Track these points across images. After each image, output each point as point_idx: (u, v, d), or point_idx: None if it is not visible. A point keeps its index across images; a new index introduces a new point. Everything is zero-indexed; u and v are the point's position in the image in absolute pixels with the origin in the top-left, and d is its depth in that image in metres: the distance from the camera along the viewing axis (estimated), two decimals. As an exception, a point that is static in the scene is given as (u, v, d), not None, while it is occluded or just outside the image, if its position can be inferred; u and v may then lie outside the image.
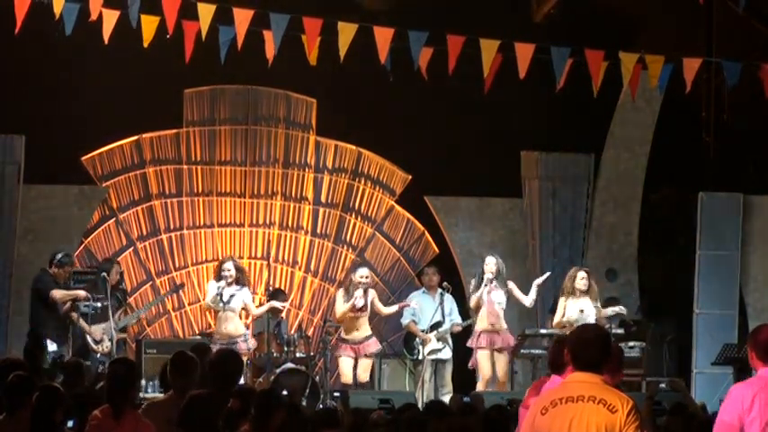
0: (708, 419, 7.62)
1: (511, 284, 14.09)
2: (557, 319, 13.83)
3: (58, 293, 13.64)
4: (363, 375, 13.98)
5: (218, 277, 13.76)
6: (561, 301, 13.89)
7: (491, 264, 13.97)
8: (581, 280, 13.79)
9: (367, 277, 14.05)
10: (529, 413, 5.55)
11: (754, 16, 15.26)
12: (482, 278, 13.95)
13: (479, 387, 13.80)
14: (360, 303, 13.90)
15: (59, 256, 13.87)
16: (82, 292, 13.76)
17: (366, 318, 14.07)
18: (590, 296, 13.79)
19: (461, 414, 8.13)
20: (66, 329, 13.70)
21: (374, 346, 14.10)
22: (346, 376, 13.97)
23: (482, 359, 13.89)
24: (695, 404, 8.56)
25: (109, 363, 8.08)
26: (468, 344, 14.10)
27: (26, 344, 13.61)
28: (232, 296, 13.65)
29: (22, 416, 7.40)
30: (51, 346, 13.40)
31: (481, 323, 13.92)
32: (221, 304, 13.59)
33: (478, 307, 13.94)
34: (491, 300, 13.88)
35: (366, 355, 14.00)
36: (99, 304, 13.83)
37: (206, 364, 8.22)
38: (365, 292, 13.96)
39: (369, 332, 14.08)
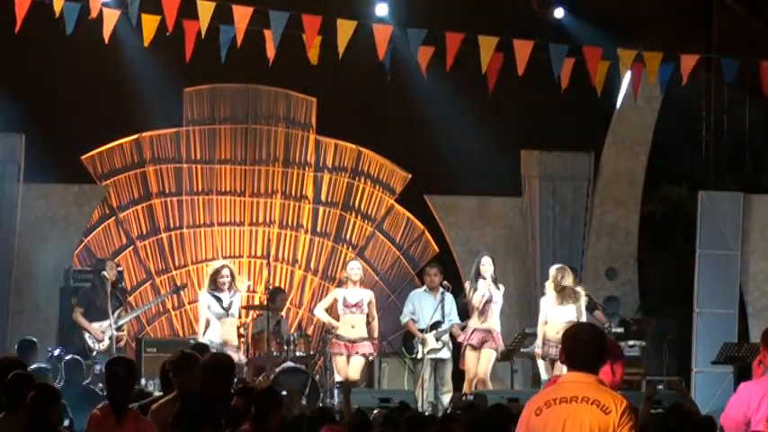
0: (704, 419, 7.63)
1: (502, 288, 14.12)
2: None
3: None
4: (353, 375, 13.77)
5: (214, 284, 13.70)
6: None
7: (488, 264, 13.96)
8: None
9: (355, 270, 13.96)
10: (524, 413, 5.50)
11: (754, 16, 15.25)
12: (478, 277, 13.92)
13: (466, 386, 13.81)
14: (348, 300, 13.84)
15: None
16: None
17: (361, 318, 13.93)
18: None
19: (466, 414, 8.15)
20: None
21: (367, 348, 13.90)
22: (340, 374, 13.85)
23: (470, 358, 13.89)
24: (694, 404, 8.56)
25: (107, 363, 8.03)
26: (460, 340, 14.05)
27: None
28: (231, 302, 13.69)
29: (22, 414, 7.40)
30: None
31: (474, 321, 13.91)
32: (223, 311, 13.59)
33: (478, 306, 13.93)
34: (492, 299, 13.88)
35: (357, 353, 13.82)
36: None
37: (201, 366, 8.20)
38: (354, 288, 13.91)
39: (364, 334, 13.89)
